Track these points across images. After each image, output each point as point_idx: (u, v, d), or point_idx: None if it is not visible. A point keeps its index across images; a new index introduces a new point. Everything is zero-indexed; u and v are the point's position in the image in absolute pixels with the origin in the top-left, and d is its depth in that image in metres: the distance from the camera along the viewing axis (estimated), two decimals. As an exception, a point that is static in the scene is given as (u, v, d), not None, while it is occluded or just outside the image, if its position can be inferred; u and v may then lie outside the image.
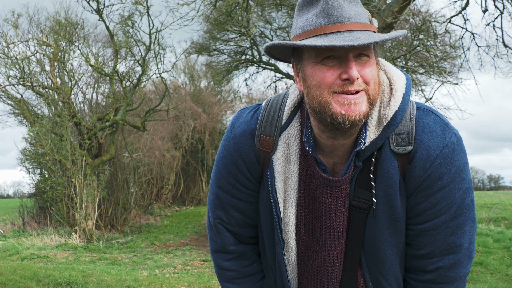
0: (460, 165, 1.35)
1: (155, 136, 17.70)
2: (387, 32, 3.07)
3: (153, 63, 13.98)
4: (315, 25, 1.27)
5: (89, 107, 14.61)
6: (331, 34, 1.24)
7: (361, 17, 1.28)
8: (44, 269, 7.38)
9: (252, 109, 1.53)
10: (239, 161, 1.49)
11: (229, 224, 1.58)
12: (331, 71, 1.26)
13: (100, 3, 12.45)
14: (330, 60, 1.26)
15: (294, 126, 1.44)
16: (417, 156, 1.33)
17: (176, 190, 20.69)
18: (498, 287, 6.76)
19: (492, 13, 10.63)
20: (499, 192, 31.61)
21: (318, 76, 1.28)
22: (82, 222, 11.29)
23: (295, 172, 1.44)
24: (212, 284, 6.90)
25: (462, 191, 1.36)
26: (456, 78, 12.32)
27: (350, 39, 1.21)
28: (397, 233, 1.40)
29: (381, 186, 1.37)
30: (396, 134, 1.35)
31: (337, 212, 1.43)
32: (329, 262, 1.47)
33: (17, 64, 12.53)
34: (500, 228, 11.28)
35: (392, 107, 1.34)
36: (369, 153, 1.36)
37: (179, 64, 20.91)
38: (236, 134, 1.49)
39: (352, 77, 1.24)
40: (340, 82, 1.26)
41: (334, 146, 1.40)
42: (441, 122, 1.37)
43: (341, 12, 1.25)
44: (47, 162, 11.67)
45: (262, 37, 16.48)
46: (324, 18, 1.26)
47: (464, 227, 1.38)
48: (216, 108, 21.63)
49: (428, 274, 1.43)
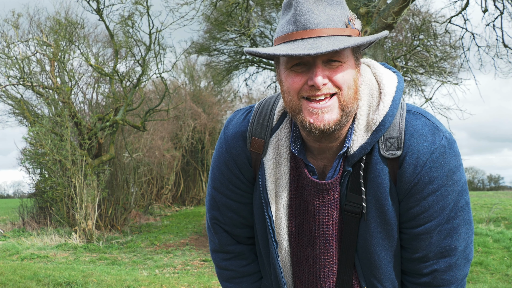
0: (452, 168, 1.33)
1: (155, 136, 17.70)
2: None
3: (153, 63, 13.99)
4: (285, 31, 1.29)
5: (89, 107, 14.61)
6: (297, 41, 1.25)
7: (334, 22, 1.26)
8: (44, 269, 7.38)
9: (245, 111, 1.54)
10: (231, 163, 1.50)
11: (225, 224, 1.59)
12: (299, 77, 1.28)
13: (100, 3, 12.45)
14: (299, 66, 1.28)
15: (284, 128, 1.44)
16: (407, 161, 1.32)
17: (176, 190, 20.69)
18: (498, 287, 6.76)
19: (492, 13, 10.63)
20: (499, 192, 31.59)
21: (288, 82, 1.30)
22: (82, 222, 11.29)
23: (285, 173, 1.45)
24: (212, 284, 6.90)
25: (455, 194, 1.35)
26: (456, 78, 12.33)
27: (311, 46, 1.21)
28: (389, 237, 1.40)
29: (371, 191, 1.36)
30: (386, 139, 1.34)
31: (325, 215, 1.42)
32: (320, 264, 1.47)
33: (17, 64, 12.52)
34: (500, 228, 11.28)
35: (381, 111, 1.33)
36: (358, 157, 1.35)
37: (179, 64, 20.92)
38: (228, 136, 1.50)
39: (317, 84, 1.25)
40: (307, 87, 1.27)
41: (321, 149, 1.40)
42: (431, 125, 1.35)
43: (308, 18, 1.25)
44: (47, 162, 11.67)
45: (262, 37, 16.48)
46: (292, 25, 1.27)
47: (459, 229, 1.37)
48: (216, 108, 21.63)
49: (424, 277, 1.42)
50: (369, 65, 1.45)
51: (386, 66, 1.47)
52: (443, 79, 11.35)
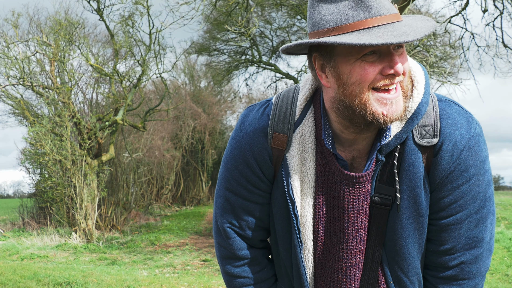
0: (484, 156, 1.32)
1: (155, 136, 17.70)
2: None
3: (153, 63, 13.96)
4: (354, 18, 1.18)
5: (89, 107, 14.61)
6: (374, 29, 1.17)
7: (392, 6, 1.22)
8: (44, 269, 7.38)
9: (261, 106, 1.46)
10: (251, 161, 1.41)
11: (240, 228, 1.50)
12: (372, 67, 1.20)
13: (101, 3, 12.46)
14: (371, 55, 1.20)
15: (308, 121, 1.38)
16: (444, 148, 1.29)
17: (176, 190, 20.70)
18: (498, 287, 6.76)
19: (492, 13, 10.63)
20: (499, 192, 31.62)
21: (358, 72, 1.21)
22: (82, 222, 11.29)
23: (311, 169, 1.39)
24: (212, 284, 6.90)
25: (485, 183, 1.33)
26: (456, 78, 12.33)
27: (399, 33, 1.15)
28: (419, 228, 1.36)
29: (405, 181, 1.32)
30: (420, 127, 1.31)
31: (359, 209, 1.37)
32: (350, 262, 1.41)
33: (17, 64, 12.52)
34: (500, 228, 11.29)
35: (416, 99, 1.30)
36: (392, 147, 1.32)
37: (179, 64, 20.91)
38: (247, 133, 1.41)
39: (398, 72, 1.20)
40: (380, 77, 1.21)
41: (355, 141, 1.35)
42: (464, 112, 1.33)
43: (379, 3, 1.18)
44: (47, 162, 11.67)
45: (262, 37, 16.48)
46: (363, 11, 1.18)
47: (486, 220, 1.35)
48: (216, 108, 21.64)
49: (449, 270, 1.38)
50: None
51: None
52: (443, 79, 11.35)
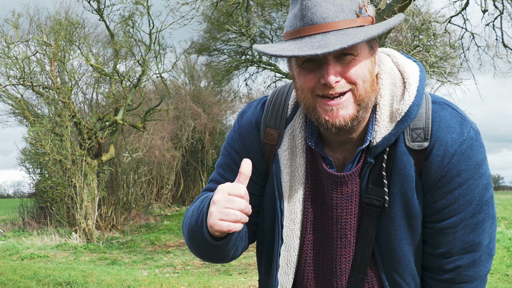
0: (478, 161, 1.29)
1: (155, 136, 17.69)
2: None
3: (153, 63, 13.94)
4: (292, 27, 1.24)
5: (89, 107, 14.62)
6: (305, 38, 1.20)
7: (343, 13, 1.20)
8: (44, 269, 7.39)
9: (259, 101, 1.50)
10: (243, 152, 1.45)
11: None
12: (311, 75, 1.24)
13: (101, 3, 12.45)
14: (310, 63, 1.23)
15: (298, 118, 1.40)
16: (434, 153, 1.27)
17: (176, 190, 20.68)
18: (498, 287, 6.77)
19: (491, 13, 10.62)
20: (499, 192, 31.65)
21: (300, 79, 1.26)
22: (82, 222, 11.29)
23: (301, 165, 1.40)
24: (212, 284, 6.90)
25: (481, 188, 1.31)
26: (456, 78, 12.33)
27: (319, 44, 1.15)
28: (413, 231, 1.35)
29: (397, 184, 1.31)
30: (411, 130, 1.29)
31: (343, 208, 1.37)
32: (336, 261, 1.41)
33: (17, 64, 12.53)
34: (500, 228, 11.30)
35: (406, 101, 1.29)
36: (381, 149, 1.31)
37: (179, 64, 20.89)
38: (242, 125, 1.47)
39: (329, 83, 1.20)
40: (321, 85, 1.23)
41: (341, 141, 1.36)
42: (458, 116, 1.31)
43: (315, 12, 1.19)
44: (47, 162, 11.68)
45: (262, 37, 16.49)
46: (299, 20, 1.22)
47: (483, 224, 1.33)
48: (216, 108, 21.62)
49: (446, 274, 1.37)
50: (389, 54, 1.40)
51: (406, 55, 1.42)
52: (443, 79, 11.36)
